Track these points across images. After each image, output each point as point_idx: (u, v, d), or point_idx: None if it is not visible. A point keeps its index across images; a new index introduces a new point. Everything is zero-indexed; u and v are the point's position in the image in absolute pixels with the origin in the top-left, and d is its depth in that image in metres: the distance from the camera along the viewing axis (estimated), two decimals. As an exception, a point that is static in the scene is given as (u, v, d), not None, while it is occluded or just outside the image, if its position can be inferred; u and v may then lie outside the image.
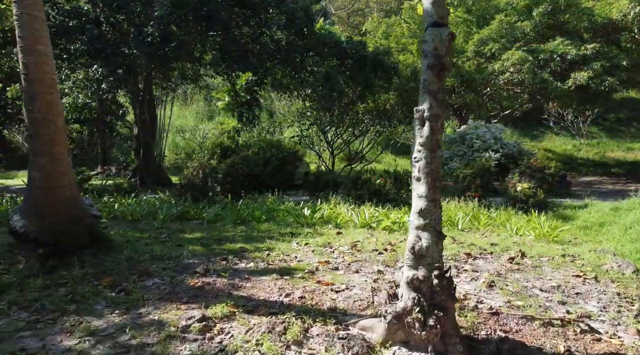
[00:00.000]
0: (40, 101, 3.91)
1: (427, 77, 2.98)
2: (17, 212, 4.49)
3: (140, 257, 4.86)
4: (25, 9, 3.78)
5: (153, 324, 3.31)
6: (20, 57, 3.87)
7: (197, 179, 9.37)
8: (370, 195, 9.79)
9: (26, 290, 4.00)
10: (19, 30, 3.82)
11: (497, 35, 19.22)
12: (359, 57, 15.77)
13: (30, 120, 3.95)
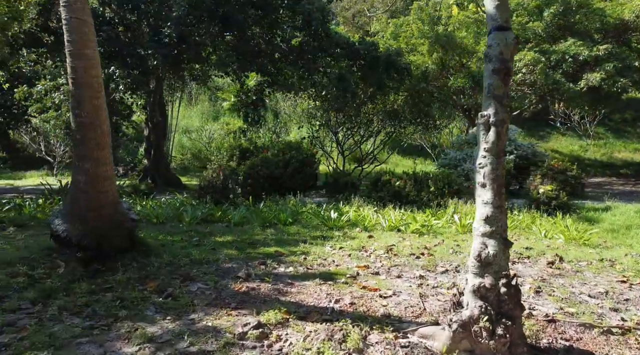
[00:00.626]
0: (87, 105, 3.89)
1: (492, 82, 2.95)
2: (58, 216, 4.47)
3: (179, 261, 4.83)
4: (74, 13, 3.75)
5: (208, 330, 3.28)
6: (69, 62, 3.84)
7: (217, 181, 9.35)
8: (390, 197, 9.76)
9: (72, 294, 3.97)
10: (67, 35, 3.79)
11: (508, 36, 19.17)
12: (372, 58, 15.73)
13: (78, 124, 3.93)
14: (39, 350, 2.99)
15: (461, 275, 4.67)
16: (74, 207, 4.23)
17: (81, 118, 3.91)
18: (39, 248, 5.15)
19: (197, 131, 32.51)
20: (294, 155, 9.71)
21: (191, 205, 8.46)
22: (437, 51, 19.58)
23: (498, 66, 2.92)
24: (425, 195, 9.61)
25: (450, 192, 9.76)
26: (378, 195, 9.82)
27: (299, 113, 35.75)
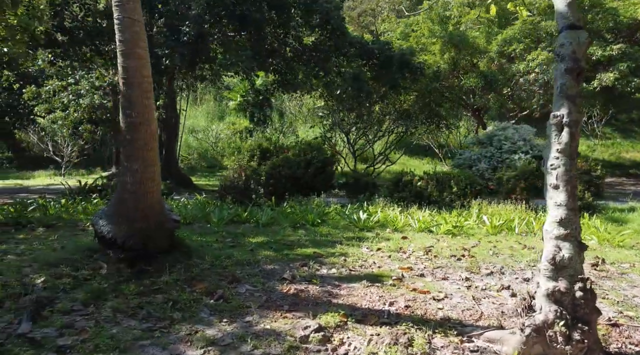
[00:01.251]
0: (138, 105, 3.85)
1: (564, 82, 2.89)
2: (103, 217, 4.43)
3: (221, 262, 4.79)
4: (126, 12, 3.71)
5: (269, 333, 3.24)
6: (120, 61, 3.80)
7: (239, 181, 9.31)
8: (412, 197, 9.72)
9: (122, 296, 3.93)
10: (119, 34, 3.74)
11: (521, 36, 19.07)
12: (386, 57, 15.67)
13: (128, 124, 3.88)
14: (104, 353, 2.96)
15: (506, 277, 4.62)
16: (120, 208, 4.19)
17: (132, 118, 3.86)
18: (77, 249, 5.11)
19: (204, 131, 32.47)
20: (315, 155, 9.66)
21: (215, 205, 8.42)
22: (449, 51, 19.51)
23: (571, 65, 2.87)
24: (448, 196, 9.56)
25: (472, 192, 9.71)
26: (400, 196, 9.77)
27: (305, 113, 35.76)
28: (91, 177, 24.86)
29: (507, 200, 9.16)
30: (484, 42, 20.21)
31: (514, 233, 6.95)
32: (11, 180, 23.00)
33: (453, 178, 9.89)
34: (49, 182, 21.17)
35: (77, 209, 8.31)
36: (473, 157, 15.92)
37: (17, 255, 5.24)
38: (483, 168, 15.16)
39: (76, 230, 6.75)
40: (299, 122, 34.55)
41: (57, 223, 7.13)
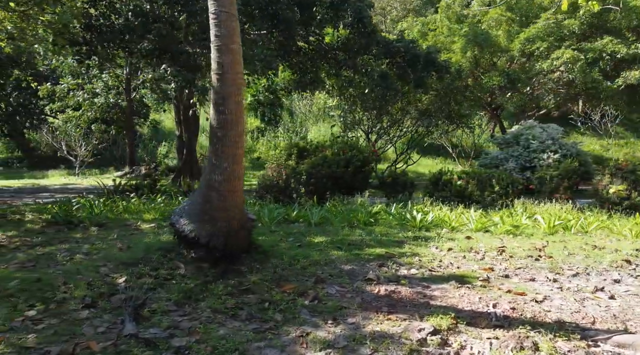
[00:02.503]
0: (231, 102, 3.75)
1: None
2: (183, 216, 4.34)
3: (299, 262, 4.70)
4: (223, 7, 3.62)
5: (381, 335, 3.15)
6: (215, 57, 3.71)
7: (279, 181, 9.22)
8: (452, 196, 9.62)
9: (212, 296, 3.85)
10: (216, 29, 3.65)
11: (544, 34, 18.92)
12: (412, 56, 15.54)
13: (220, 121, 3.79)
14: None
15: (594, 278, 4.51)
16: (205, 206, 4.10)
17: (224, 115, 3.77)
18: (147, 248, 5.04)
19: (216, 131, 32.30)
20: (355, 154, 9.57)
21: (260, 205, 8.34)
22: (471, 49, 19.39)
23: None
24: (489, 195, 9.45)
25: (514, 192, 9.60)
26: (440, 195, 9.67)
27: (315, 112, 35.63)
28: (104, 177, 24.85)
29: (550, 200, 9.05)
30: (505, 40, 20.07)
31: (570, 233, 6.84)
32: (26, 180, 23.03)
33: (494, 177, 9.77)
34: (65, 182, 21.19)
35: (118, 208, 8.24)
36: (500, 156, 15.78)
37: (84, 255, 5.17)
38: (511, 167, 15.01)
39: (129, 229, 6.68)
40: (309, 122, 34.44)
41: (107, 222, 7.07)
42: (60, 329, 3.30)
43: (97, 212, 7.78)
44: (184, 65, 11.56)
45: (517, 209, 8.61)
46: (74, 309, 3.67)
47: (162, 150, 31.78)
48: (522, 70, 19.18)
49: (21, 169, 30.57)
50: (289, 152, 10.01)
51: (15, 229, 6.62)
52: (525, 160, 15.15)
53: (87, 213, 7.64)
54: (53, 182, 21.86)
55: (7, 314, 3.54)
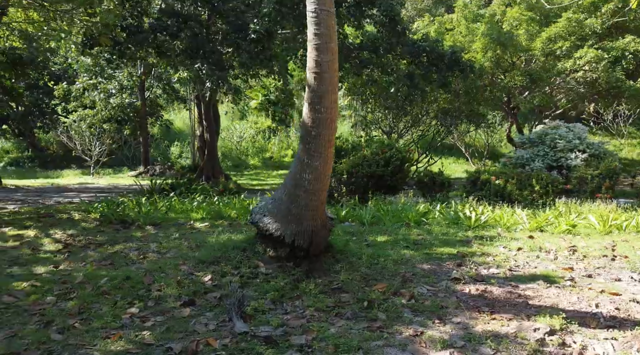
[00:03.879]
0: (327, 101, 3.75)
1: None
2: (266, 215, 4.34)
3: (377, 262, 4.69)
4: (324, 5, 3.61)
5: (496, 335, 3.13)
6: (314, 55, 3.69)
7: (321, 180, 9.23)
8: (491, 196, 9.60)
9: (306, 295, 3.85)
10: (315, 28, 3.64)
11: (565, 33, 18.82)
12: (437, 55, 15.50)
13: (315, 120, 3.79)
14: (348, 353, 2.87)
15: (677, 279, 4.48)
16: (291, 205, 4.10)
17: (320, 114, 3.77)
18: (222, 246, 5.04)
19: (226, 130, 32.44)
20: (394, 153, 9.56)
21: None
22: (493, 49, 19.30)
23: None
24: (529, 195, 9.42)
25: (554, 191, 9.56)
26: (478, 194, 9.65)
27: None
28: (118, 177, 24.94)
29: (592, 200, 9.01)
30: (526, 40, 19.97)
31: (624, 232, 6.80)
32: (42, 179, 23.09)
33: (534, 177, 9.74)
34: (81, 182, 21.22)
35: (161, 207, 8.24)
36: (526, 156, 15.72)
37: (156, 253, 5.19)
38: (537, 167, 14.95)
39: (185, 228, 6.69)
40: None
41: (160, 222, 7.07)
42: (170, 326, 3.31)
43: (144, 211, 7.79)
44: (216, 64, 11.56)
45: (559, 208, 8.58)
46: (173, 307, 3.69)
47: (174, 150, 31.84)
48: (543, 69, 19.07)
49: (32, 169, 30.64)
50: (326, 151, 9.99)
51: (71, 227, 6.65)
52: (551, 159, 15.08)
53: (135, 212, 7.66)
54: (70, 182, 21.90)
55: (110, 311, 3.56)
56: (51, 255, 5.13)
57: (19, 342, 3.07)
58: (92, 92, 26.20)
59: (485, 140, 26.97)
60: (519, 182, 9.75)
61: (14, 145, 34.24)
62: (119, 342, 3.06)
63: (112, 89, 26.44)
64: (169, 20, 11.56)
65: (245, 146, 33.94)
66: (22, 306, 3.69)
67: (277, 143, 33.93)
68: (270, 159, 32.66)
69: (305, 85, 3.98)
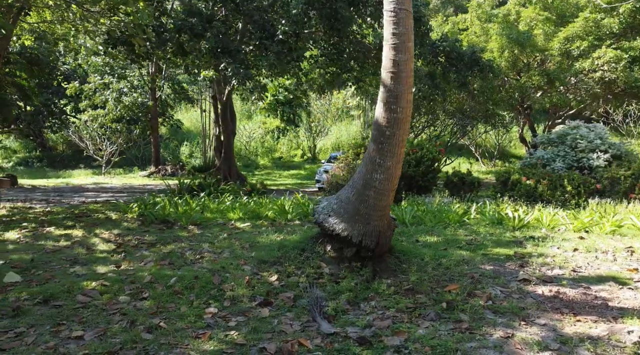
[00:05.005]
0: (403, 101, 3.73)
1: None
2: (332, 215, 4.32)
3: (440, 262, 4.67)
4: (403, 4, 3.59)
5: (589, 338, 3.10)
6: (391, 55, 3.68)
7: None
8: (522, 196, 9.57)
9: (379, 296, 3.84)
10: (393, 27, 3.62)
11: (582, 33, 18.76)
12: (457, 55, 15.45)
13: (390, 120, 3.77)
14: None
15: None
16: (360, 205, 4.08)
17: (395, 114, 3.75)
18: (279, 246, 5.02)
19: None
20: (425, 154, 9.54)
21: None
22: (510, 49, 19.27)
23: None
24: (561, 195, 9.39)
25: (586, 191, 9.53)
26: (510, 195, 9.63)
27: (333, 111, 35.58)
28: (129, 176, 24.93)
29: (627, 200, 8.97)
30: (542, 40, 19.92)
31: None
32: (53, 179, 23.12)
33: (566, 177, 9.70)
34: (94, 181, 21.24)
35: (195, 207, 8.21)
36: (546, 156, 15.65)
37: (212, 253, 5.17)
38: (558, 167, 14.90)
39: (228, 228, 6.67)
40: (328, 121, 34.41)
41: (200, 222, 7.05)
42: (256, 327, 3.29)
43: (181, 211, 7.77)
44: (241, 63, 11.54)
45: (592, 208, 8.54)
46: (250, 307, 3.68)
47: (184, 150, 31.84)
48: (560, 69, 19.02)
49: (41, 168, 30.67)
50: (356, 151, 9.99)
51: (115, 227, 6.65)
52: (572, 160, 15.01)
53: (172, 212, 7.64)
54: (83, 182, 21.93)
55: (190, 311, 3.55)
56: (107, 255, 5.12)
57: (110, 341, 3.06)
58: (105, 92, 26.25)
59: (496, 140, 26.91)
60: (550, 183, 9.72)
61: (21, 145, 34.27)
62: (210, 342, 3.05)
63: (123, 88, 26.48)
64: (194, 19, 11.55)
65: (255, 146, 33.93)
66: (99, 305, 3.68)
67: (287, 143, 33.88)
68: (279, 159, 32.63)
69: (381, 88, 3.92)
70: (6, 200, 11.06)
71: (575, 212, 7.92)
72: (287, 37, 10.86)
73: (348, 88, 26.10)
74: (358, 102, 35.84)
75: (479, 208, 8.04)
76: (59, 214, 8.18)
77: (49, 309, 3.61)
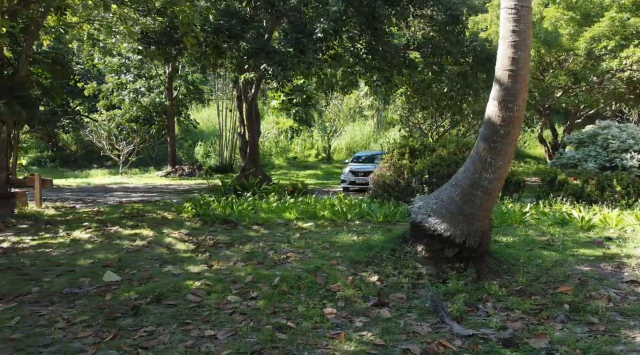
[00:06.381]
0: (520, 99, 3.69)
1: None
2: (431, 215, 4.28)
3: (535, 263, 4.62)
4: (524, 1, 3.55)
5: None
6: (510, 53, 3.64)
7: (401, 180, 9.16)
8: (569, 196, 9.51)
9: (493, 297, 3.79)
10: (514, 24, 3.58)
11: (609, 33, 18.64)
12: (487, 55, 15.36)
13: (505, 119, 3.72)
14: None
15: None
16: (465, 205, 4.03)
17: (512, 113, 3.70)
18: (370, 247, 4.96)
19: (249, 130, 32.42)
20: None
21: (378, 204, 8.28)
22: (536, 49, 19.15)
23: None
24: (610, 196, 9.32)
25: (635, 192, 9.45)
26: (557, 195, 9.57)
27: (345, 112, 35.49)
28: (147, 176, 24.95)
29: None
30: (568, 40, 19.81)
31: None
32: (72, 179, 23.15)
33: (615, 178, 9.64)
34: (115, 181, 21.25)
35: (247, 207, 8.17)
36: (577, 156, 15.55)
37: (296, 253, 5.13)
38: (590, 168, 14.81)
39: (293, 228, 6.63)
40: (340, 121, 34.36)
41: (263, 222, 7.01)
42: (385, 327, 3.25)
43: (237, 210, 7.75)
44: (279, 64, 11.51)
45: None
46: (365, 307, 3.64)
47: (198, 150, 31.84)
48: (585, 68, 18.92)
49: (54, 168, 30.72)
50: (400, 151, 9.93)
51: (180, 227, 6.61)
52: (604, 160, 14.92)
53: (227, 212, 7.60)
54: (103, 182, 21.93)
55: (309, 311, 3.51)
56: (192, 255, 5.09)
57: (246, 341, 3.02)
58: (122, 91, 26.28)
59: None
60: (597, 183, 9.65)
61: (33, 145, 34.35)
62: (349, 343, 3.01)
63: (140, 88, 26.51)
64: (233, 21, 11.53)
65: (269, 146, 33.89)
66: (212, 305, 3.65)
67: (300, 143, 33.80)
68: (294, 159, 32.56)
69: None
70: (42, 200, 11.07)
71: (633, 212, 7.84)
72: (325, 35, 10.83)
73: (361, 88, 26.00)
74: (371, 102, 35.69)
75: (534, 208, 7.98)
76: (110, 213, 8.17)
77: (165, 308, 3.58)
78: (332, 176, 24.16)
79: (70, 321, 3.32)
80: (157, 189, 16.91)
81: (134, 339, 3.06)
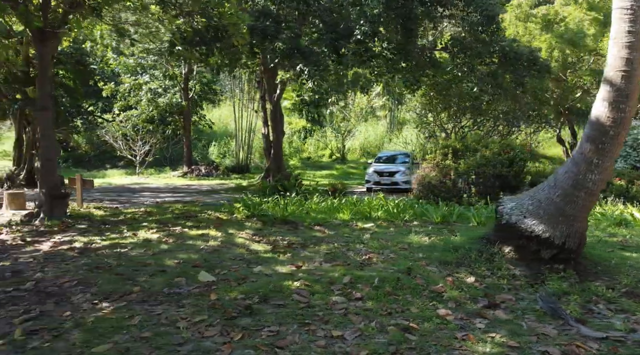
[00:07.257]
0: (632, 100, 3.68)
1: None
2: (527, 216, 4.27)
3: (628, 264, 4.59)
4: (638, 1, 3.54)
5: None
6: (624, 54, 3.62)
7: (447, 180, 9.15)
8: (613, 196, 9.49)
9: (603, 299, 3.77)
10: (629, 25, 3.57)
11: (634, 33, 18.58)
12: (515, 55, 15.29)
13: (616, 119, 3.70)
14: None
15: None
16: (567, 207, 4.01)
17: (623, 113, 3.69)
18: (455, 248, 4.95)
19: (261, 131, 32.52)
20: (517, 154, 9.47)
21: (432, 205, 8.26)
22: (560, 49, 19.09)
23: None
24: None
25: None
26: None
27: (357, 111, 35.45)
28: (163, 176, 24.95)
29: None
30: (592, 40, 19.74)
31: None
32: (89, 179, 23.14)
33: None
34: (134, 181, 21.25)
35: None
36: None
37: (376, 254, 5.11)
38: (619, 168, 14.75)
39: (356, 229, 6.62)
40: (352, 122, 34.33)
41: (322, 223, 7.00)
42: (511, 329, 3.24)
43: (290, 211, 7.75)
44: (315, 64, 11.50)
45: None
46: (477, 308, 3.63)
47: (213, 150, 31.80)
48: (609, 69, 18.86)
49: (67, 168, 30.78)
50: (443, 152, 9.92)
51: (242, 228, 6.60)
52: (635, 160, 14.89)
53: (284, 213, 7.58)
54: (123, 182, 21.91)
55: (424, 313, 3.49)
56: (273, 255, 5.08)
57: (375, 341, 3.02)
58: (139, 92, 26.31)
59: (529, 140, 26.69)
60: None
61: (44, 145, 34.30)
62: (482, 344, 2.99)
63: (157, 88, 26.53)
64: (268, 21, 11.52)
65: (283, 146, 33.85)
66: (321, 306, 3.64)
67: (314, 143, 33.77)
68: (308, 159, 32.57)
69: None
70: (83, 200, 11.09)
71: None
72: (364, 37, 10.81)
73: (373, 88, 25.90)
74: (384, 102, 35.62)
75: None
76: (161, 214, 8.18)
77: (276, 308, 3.58)
78: (349, 176, 24.10)
79: (190, 320, 3.32)
80: (181, 190, 16.91)
81: (262, 338, 3.06)
